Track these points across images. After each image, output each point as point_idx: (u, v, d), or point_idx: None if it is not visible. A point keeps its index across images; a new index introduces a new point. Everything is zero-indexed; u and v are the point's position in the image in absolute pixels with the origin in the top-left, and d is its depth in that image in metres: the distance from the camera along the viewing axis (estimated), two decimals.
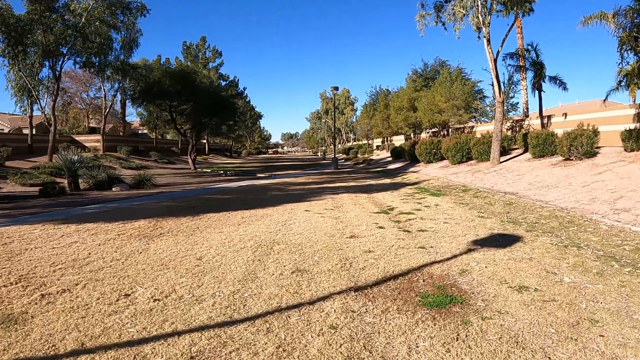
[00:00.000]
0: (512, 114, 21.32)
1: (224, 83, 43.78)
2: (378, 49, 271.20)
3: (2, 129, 34.12)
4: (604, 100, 17.28)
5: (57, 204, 10.20)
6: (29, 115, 25.59)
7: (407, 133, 33.98)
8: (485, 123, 23.25)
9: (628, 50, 12.37)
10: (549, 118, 17.74)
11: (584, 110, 18.55)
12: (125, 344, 2.58)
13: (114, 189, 13.91)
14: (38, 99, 23.81)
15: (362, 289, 3.49)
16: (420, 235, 5.58)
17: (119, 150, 29.40)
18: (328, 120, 72.25)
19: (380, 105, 38.35)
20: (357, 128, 61.16)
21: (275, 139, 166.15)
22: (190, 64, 38.18)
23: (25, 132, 27.54)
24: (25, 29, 19.27)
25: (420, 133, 31.68)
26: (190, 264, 4.48)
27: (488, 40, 14.51)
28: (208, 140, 52.39)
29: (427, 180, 13.95)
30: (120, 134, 38.16)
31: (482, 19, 14.32)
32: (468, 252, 4.62)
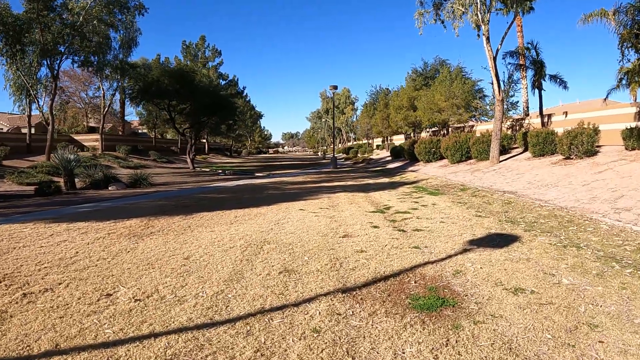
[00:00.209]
0: (512, 113, 21.19)
1: (224, 82, 43.68)
2: (378, 49, 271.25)
3: (1, 128, 34.06)
4: (605, 99, 17.12)
5: (51, 203, 10.11)
6: (27, 115, 25.52)
7: (407, 132, 33.84)
8: (485, 122, 23.09)
9: (629, 48, 12.22)
10: (549, 117, 17.58)
11: (585, 109, 18.39)
12: (100, 346, 2.51)
13: (110, 188, 13.81)
14: (36, 98, 23.72)
15: (350, 291, 3.34)
16: (415, 235, 5.43)
17: (118, 150, 29.30)
18: (328, 120, 72.15)
19: (380, 105, 38.20)
20: (357, 127, 61.05)
21: (276, 139, 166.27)
22: (190, 63, 38.05)
23: (24, 131, 27.46)
24: (23, 28, 19.17)
25: (420, 132, 31.53)
26: (177, 264, 4.35)
27: (487, 38, 14.35)
28: (208, 140, 52.28)
29: (425, 180, 13.80)
30: (120, 133, 38.08)
31: (481, 17, 14.16)
32: (463, 252, 4.47)
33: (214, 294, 3.39)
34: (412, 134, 32.73)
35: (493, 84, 14.79)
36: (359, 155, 40.04)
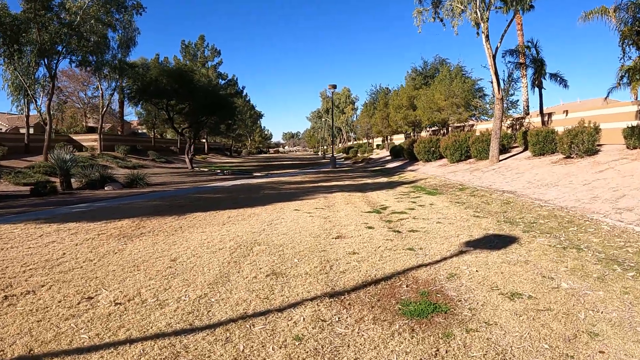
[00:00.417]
0: (512, 112, 21.01)
1: (223, 82, 43.57)
2: (378, 48, 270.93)
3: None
4: (606, 98, 16.95)
5: (46, 203, 10.02)
6: (26, 115, 25.42)
7: (406, 132, 33.67)
8: (485, 121, 22.91)
9: (630, 45, 12.04)
10: (550, 115, 17.41)
11: (585, 108, 18.20)
12: (74, 351, 2.44)
13: (106, 188, 13.69)
14: (34, 98, 23.60)
15: (338, 295, 3.19)
16: (411, 236, 5.27)
17: (117, 150, 29.18)
18: (328, 120, 71.96)
19: (380, 104, 38.02)
20: (357, 127, 60.87)
21: (277, 139, 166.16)
22: (189, 63, 37.93)
23: (22, 131, 27.38)
24: (21, 28, 19.05)
25: (420, 132, 31.35)
26: (163, 266, 4.23)
27: (487, 36, 14.19)
28: (207, 140, 52.16)
29: (424, 179, 13.63)
30: (119, 133, 37.96)
31: (480, 15, 14.00)
32: (459, 254, 4.31)
33: (197, 298, 3.26)
34: (412, 134, 32.55)
35: (493, 83, 14.63)
36: (359, 155, 39.87)
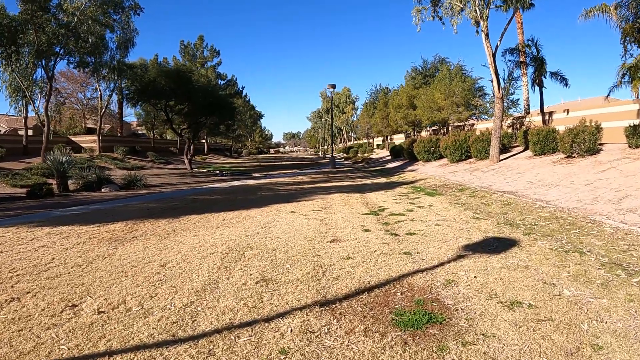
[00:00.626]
0: (512, 111, 20.84)
1: (222, 82, 43.44)
2: (379, 48, 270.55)
3: None
4: (607, 97, 16.78)
5: (41, 206, 9.93)
6: (24, 116, 25.32)
7: (407, 131, 33.50)
8: (486, 120, 22.75)
9: (632, 43, 11.88)
10: (551, 114, 17.24)
11: (586, 107, 18.03)
12: None
13: (103, 190, 13.58)
14: (32, 100, 23.50)
15: (329, 304, 3.04)
16: (408, 240, 5.12)
17: (116, 151, 29.08)
18: (329, 119, 71.75)
19: (380, 104, 37.86)
20: (357, 127, 60.70)
21: (277, 139, 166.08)
22: (188, 64, 37.80)
23: (21, 133, 27.27)
24: (19, 29, 18.95)
25: (421, 131, 31.19)
26: (151, 271, 4.10)
27: (486, 35, 14.03)
28: (207, 140, 52.04)
29: (423, 179, 13.48)
30: (118, 134, 37.86)
31: (479, 13, 13.84)
32: (457, 258, 4.16)
33: (183, 307, 3.12)
34: (412, 133, 32.39)
35: (493, 82, 14.47)
36: (359, 155, 39.72)
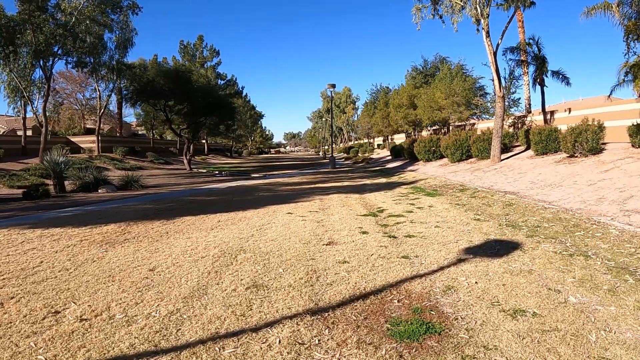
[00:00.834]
0: (513, 110, 20.63)
1: (222, 82, 43.29)
2: (380, 48, 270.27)
3: None
4: (609, 96, 16.61)
5: (36, 207, 9.80)
6: (22, 117, 25.25)
7: (407, 131, 33.30)
8: (487, 120, 22.57)
9: (635, 40, 11.70)
10: (552, 114, 17.06)
11: (588, 106, 17.84)
12: None
13: (100, 191, 13.46)
14: (30, 100, 23.40)
15: (321, 312, 2.88)
16: (406, 242, 4.96)
17: (115, 151, 28.95)
18: (329, 119, 71.57)
19: (381, 103, 37.68)
20: (358, 127, 60.53)
21: (278, 139, 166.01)
22: (188, 64, 37.67)
23: (20, 133, 27.18)
24: (17, 29, 18.82)
25: (421, 131, 31.00)
26: (140, 276, 3.95)
27: (487, 33, 13.85)
28: (207, 141, 51.91)
29: (424, 180, 13.31)
30: (118, 135, 37.74)
31: (480, 10, 13.66)
32: (457, 263, 3.99)
33: (168, 314, 2.97)
34: (412, 133, 32.21)
35: (494, 80, 14.29)
36: (359, 155, 39.54)
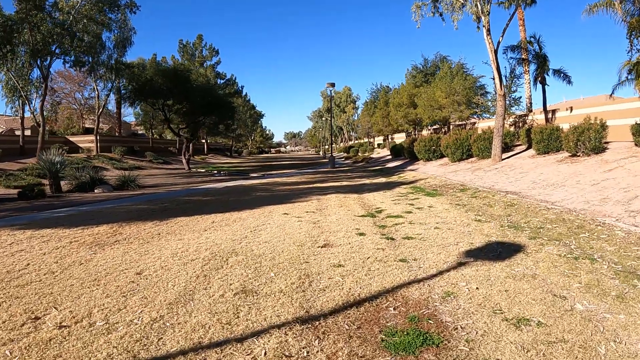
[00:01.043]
0: (514, 109, 20.43)
1: (222, 81, 43.12)
2: (380, 47, 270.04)
3: None
4: (611, 95, 16.41)
5: (31, 208, 9.66)
6: (20, 116, 25.14)
7: (407, 130, 33.13)
8: (487, 119, 22.38)
9: (638, 37, 11.50)
10: (554, 112, 16.87)
11: (590, 104, 17.65)
12: None
13: (96, 191, 13.32)
14: (28, 100, 23.25)
15: (312, 320, 2.71)
16: (405, 245, 4.78)
17: (113, 151, 28.81)
18: (329, 119, 71.35)
19: (381, 103, 37.51)
20: (358, 126, 60.34)
21: (278, 138, 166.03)
22: (187, 63, 37.51)
23: (18, 133, 27.04)
24: (14, 29, 18.67)
25: (421, 130, 30.81)
26: (125, 280, 3.79)
27: (488, 31, 13.67)
28: (207, 140, 51.75)
29: (423, 179, 13.13)
30: (117, 134, 37.60)
31: (480, 8, 13.48)
32: (458, 266, 3.82)
33: (151, 322, 2.81)
34: (413, 132, 32.03)
35: (494, 79, 14.11)
36: (359, 154, 39.37)
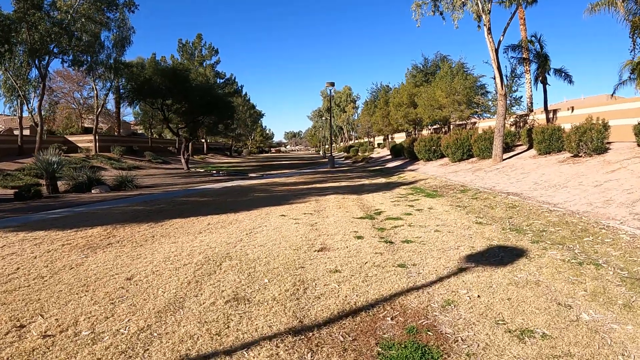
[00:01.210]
0: (515, 109, 20.29)
1: (221, 81, 42.97)
2: (380, 46, 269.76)
3: None
4: (612, 95, 16.28)
5: (26, 208, 9.55)
6: (19, 116, 25.02)
7: (407, 130, 33.00)
8: (488, 119, 22.24)
9: None
10: (555, 112, 16.74)
11: (591, 104, 17.52)
12: None
13: (93, 191, 13.20)
14: (26, 99, 23.13)
15: (306, 331, 2.58)
16: (404, 248, 4.65)
17: (112, 151, 28.68)
18: (329, 118, 71.17)
19: (381, 102, 37.38)
20: (358, 126, 60.20)
21: (279, 138, 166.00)
22: (186, 62, 37.36)
23: (16, 132, 26.92)
24: (12, 28, 18.54)
25: (422, 130, 30.68)
26: (115, 286, 3.67)
27: (489, 29, 13.54)
28: (207, 140, 51.60)
29: (423, 180, 13.00)
30: (116, 134, 37.46)
31: (481, 6, 13.34)
32: (458, 272, 3.69)
33: (138, 331, 2.69)
34: (413, 132, 31.89)
35: (495, 78, 13.97)
36: (359, 154, 39.23)
